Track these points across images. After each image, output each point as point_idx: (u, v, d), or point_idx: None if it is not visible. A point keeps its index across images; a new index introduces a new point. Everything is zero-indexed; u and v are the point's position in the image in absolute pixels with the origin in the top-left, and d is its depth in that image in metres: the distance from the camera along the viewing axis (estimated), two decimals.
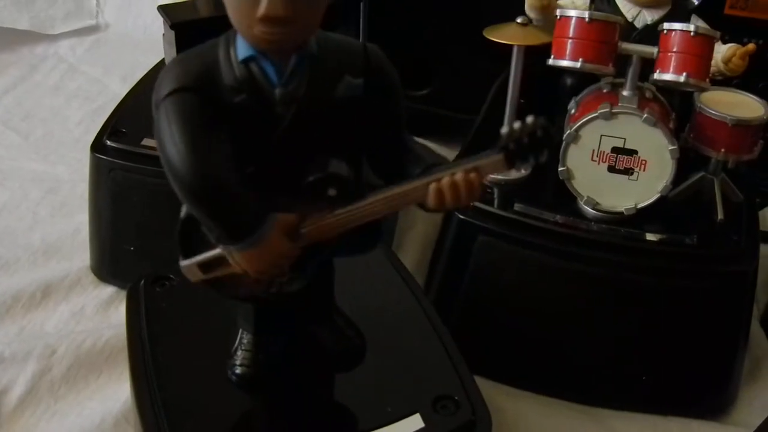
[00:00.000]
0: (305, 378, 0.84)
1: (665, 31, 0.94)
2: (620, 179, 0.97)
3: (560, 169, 0.98)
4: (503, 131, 0.66)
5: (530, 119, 0.65)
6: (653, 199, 0.98)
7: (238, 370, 0.81)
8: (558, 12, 0.98)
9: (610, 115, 0.95)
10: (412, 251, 1.23)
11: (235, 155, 0.66)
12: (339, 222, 0.68)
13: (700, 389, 1.03)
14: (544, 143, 0.66)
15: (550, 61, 0.98)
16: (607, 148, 0.96)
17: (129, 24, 2.00)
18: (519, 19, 1.01)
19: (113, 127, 1.16)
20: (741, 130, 0.98)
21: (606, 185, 0.98)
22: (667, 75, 0.94)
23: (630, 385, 1.02)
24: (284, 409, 0.81)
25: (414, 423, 0.79)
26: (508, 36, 1.00)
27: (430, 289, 1.10)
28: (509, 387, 1.05)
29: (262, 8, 0.60)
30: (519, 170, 0.68)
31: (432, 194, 0.67)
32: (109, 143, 1.13)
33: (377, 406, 0.80)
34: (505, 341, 1.04)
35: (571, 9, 0.98)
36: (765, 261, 1.10)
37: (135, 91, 1.28)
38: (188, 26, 1.09)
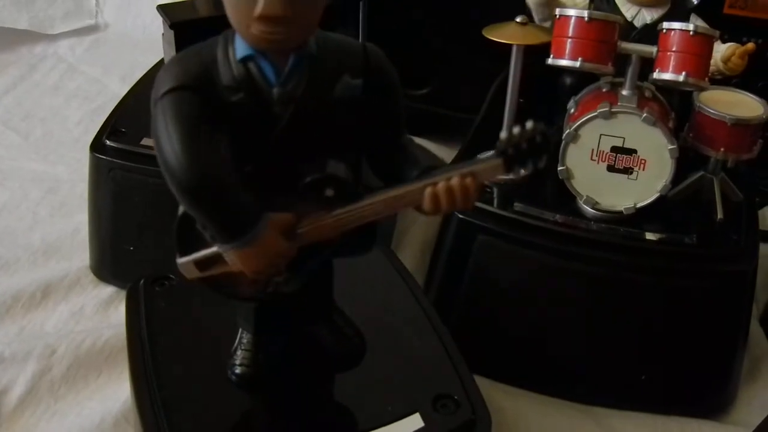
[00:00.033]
0: (305, 378, 0.84)
1: (664, 31, 0.94)
2: (620, 179, 0.97)
3: (560, 169, 0.98)
4: (502, 136, 0.66)
5: (529, 124, 0.65)
6: (652, 199, 0.98)
7: (238, 370, 0.81)
8: (557, 11, 0.98)
9: (610, 115, 0.95)
10: (412, 251, 1.23)
11: (233, 154, 0.66)
12: (336, 223, 0.68)
13: (700, 388, 1.03)
14: (543, 149, 0.65)
15: (550, 61, 0.98)
16: (607, 148, 0.96)
17: (128, 24, 2.00)
18: (518, 19, 1.01)
19: (113, 127, 1.16)
20: (740, 130, 0.98)
21: (605, 185, 0.98)
22: (667, 74, 0.94)
23: (629, 385, 1.02)
24: (284, 409, 0.81)
25: (414, 422, 0.79)
26: (508, 35, 1.00)
27: (430, 289, 1.10)
28: (509, 386, 1.05)
29: (260, 7, 0.60)
30: (517, 175, 0.67)
31: (427, 198, 0.67)
32: (109, 143, 1.13)
33: (377, 406, 0.80)
34: (505, 341, 1.04)
35: (571, 8, 0.98)
36: (764, 260, 1.10)
37: (134, 91, 1.28)
38: (187, 26, 1.09)
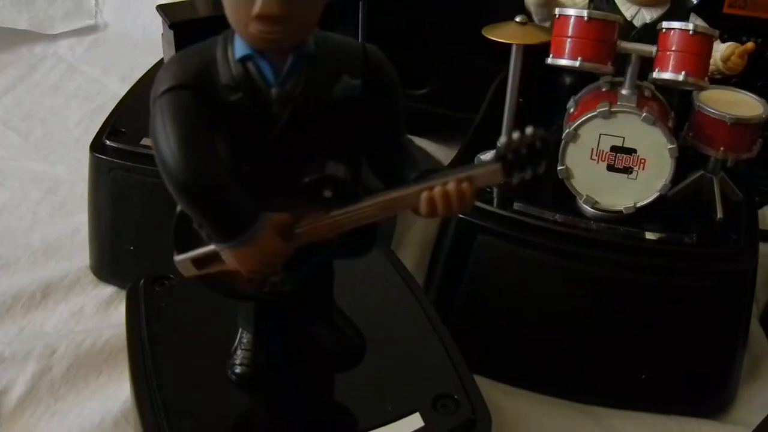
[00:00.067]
0: (305, 377, 0.84)
1: (664, 30, 0.94)
2: (619, 178, 0.97)
3: (559, 168, 0.98)
4: (501, 141, 0.65)
5: (529, 130, 0.65)
6: (652, 198, 0.98)
7: (238, 370, 0.81)
8: (557, 11, 0.98)
9: (609, 114, 0.95)
10: (412, 250, 1.23)
11: (232, 154, 0.66)
12: (334, 224, 0.68)
13: (700, 388, 1.03)
14: (543, 154, 0.65)
15: (549, 60, 0.98)
16: (606, 147, 0.96)
17: (128, 24, 2.00)
18: (518, 18, 1.01)
19: (112, 127, 1.16)
20: (740, 129, 0.98)
21: (605, 184, 0.98)
22: (666, 74, 0.94)
23: (629, 384, 1.02)
24: (284, 409, 0.82)
25: (414, 422, 0.79)
26: (507, 35, 1.00)
27: (430, 289, 1.10)
28: (509, 386, 1.05)
29: (258, 6, 0.60)
30: (517, 181, 0.67)
31: (423, 203, 0.66)
32: (109, 143, 1.13)
33: (377, 405, 0.80)
34: (505, 340, 1.04)
35: (570, 8, 0.98)
36: (764, 260, 1.10)
37: (134, 91, 1.28)
38: (187, 26, 1.09)
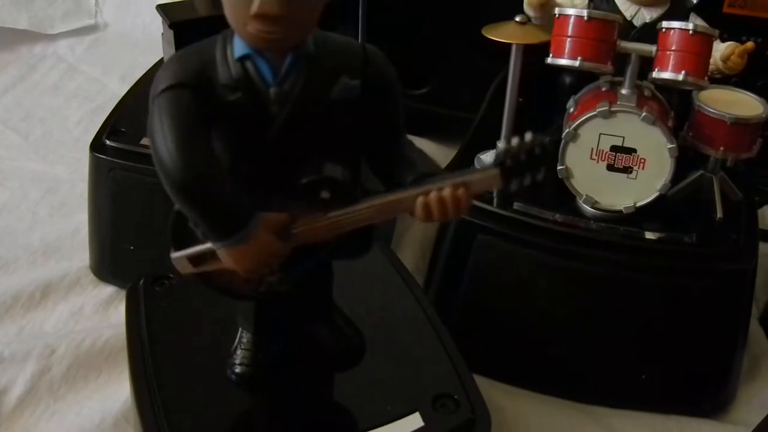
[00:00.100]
0: (305, 377, 0.84)
1: (664, 30, 0.94)
2: (619, 178, 0.97)
3: (559, 168, 0.98)
4: (500, 147, 0.65)
5: (529, 136, 0.65)
6: (652, 198, 0.98)
7: (238, 369, 0.81)
8: (556, 10, 0.98)
9: (609, 114, 0.95)
10: (412, 250, 1.23)
11: (230, 153, 0.66)
12: (331, 225, 0.68)
13: (699, 388, 1.03)
14: (542, 161, 0.65)
15: (549, 60, 0.98)
16: (606, 147, 0.96)
17: (128, 23, 2.00)
18: (518, 18, 1.01)
19: (112, 127, 1.16)
20: (740, 129, 0.98)
21: (605, 184, 0.98)
22: (666, 73, 0.94)
23: (629, 384, 1.02)
24: (284, 408, 0.81)
25: (414, 422, 0.79)
26: (507, 34, 1.00)
27: (430, 289, 1.10)
28: (508, 386, 1.05)
29: (256, 5, 0.60)
30: (515, 187, 0.67)
31: (419, 207, 0.67)
32: (109, 143, 1.13)
33: (377, 405, 0.80)
34: (504, 340, 1.04)
35: (570, 7, 0.98)
36: (764, 259, 1.10)
37: (134, 91, 1.28)
38: (187, 25, 1.09)
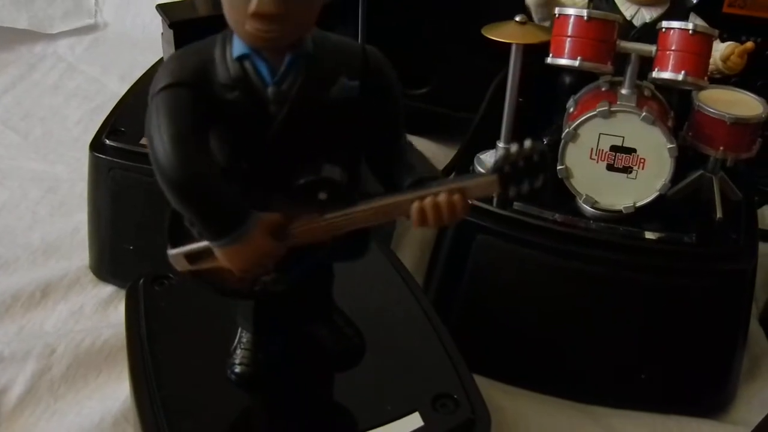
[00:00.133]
0: (305, 377, 0.84)
1: (664, 30, 0.94)
2: (619, 178, 0.97)
3: (559, 168, 0.98)
4: (499, 153, 0.65)
5: (528, 143, 0.65)
6: (652, 198, 0.98)
7: (238, 369, 0.81)
8: (556, 10, 0.98)
9: (609, 114, 0.95)
10: (412, 250, 1.23)
11: (229, 153, 0.66)
12: (328, 226, 0.67)
13: (699, 387, 1.03)
14: (540, 169, 0.65)
15: (549, 60, 0.98)
16: (606, 147, 0.96)
17: (127, 23, 2.00)
18: (517, 18, 1.01)
19: (112, 126, 1.15)
20: (739, 129, 0.98)
21: (605, 184, 0.98)
22: (666, 73, 0.94)
23: (629, 384, 1.02)
24: (284, 408, 0.82)
25: (413, 421, 0.79)
26: (507, 34, 1.00)
27: (429, 288, 1.10)
28: (508, 385, 1.05)
29: (254, 4, 0.60)
30: (513, 194, 0.67)
31: (414, 212, 0.66)
32: (108, 142, 1.12)
33: (377, 405, 0.80)
34: (504, 340, 1.04)
35: (570, 7, 0.98)
36: (764, 259, 1.10)
37: (134, 90, 1.27)
38: (187, 25, 1.09)
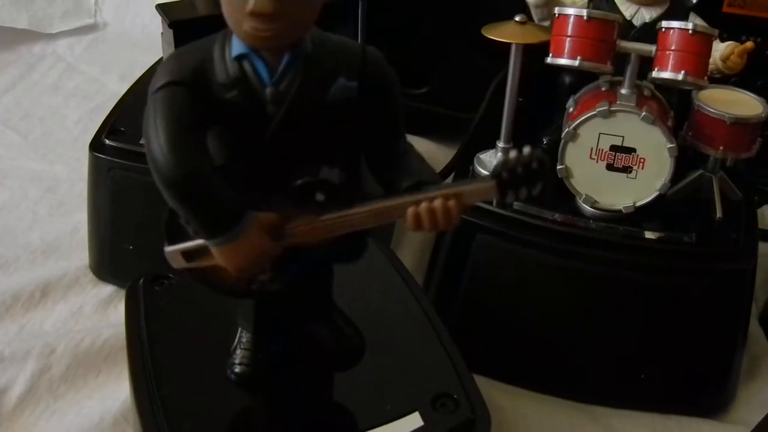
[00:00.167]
0: (305, 377, 0.84)
1: (663, 29, 0.94)
2: (619, 177, 0.97)
3: (558, 168, 0.98)
4: (498, 155, 0.65)
5: (527, 150, 0.65)
6: (652, 197, 0.98)
7: (238, 369, 0.81)
8: (556, 10, 0.98)
9: (609, 113, 0.95)
10: (412, 250, 1.23)
11: (227, 152, 0.66)
12: (324, 227, 0.67)
13: (699, 387, 1.03)
14: (539, 176, 0.65)
15: (549, 60, 0.98)
16: (606, 146, 0.96)
17: (127, 23, 2.00)
18: (517, 18, 1.01)
19: (112, 126, 1.15)
20: (739, 128, 0.98)
21: (604, 183, 0.98)
22: (666, 73, 0.94)
23: (629, 384, 1.02)
24: (284, 408, 0.81)
25: (413, 421, 0.79)
26: (507, 34, 1.00)
27: (429, 288, 1.10)
28: (508, 385, 1.05)
29: (251, 3, 0.60)
30: (511, 200, 0.67)
31: (409, 217, 0.66)
32: (108, 142, 1.12)
33: (376, 405, 0.80)
34: (504, 340, 1.04)
35: (570, 7, 0.98)
36: (764, 259, 1.10)
37: (133, 90, 1.27)
38: (186, 25, 1.09)
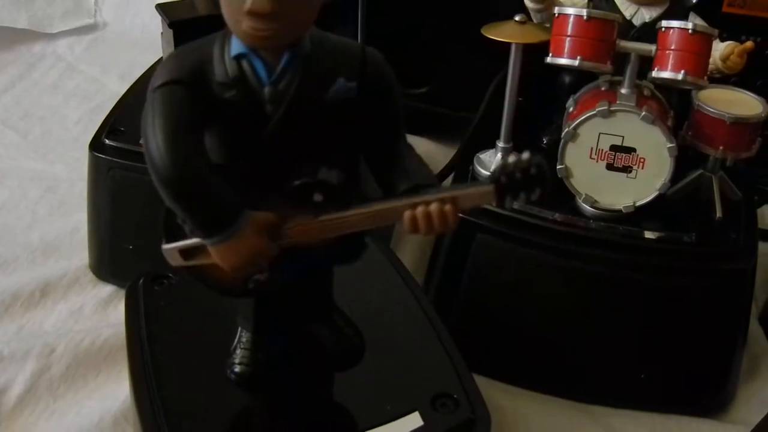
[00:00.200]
0: (305, 377, 0.84)
1: (663, 29, 0.94)
2: (618, 177, 0.97)
3: (558, 167, 0.98)
4: (496, 163, 0.65)
5: (526, 155, 0.65)
6: (651, 197, 0.98)
7: (237, 369, 0.81)
8: (556, 10, 0.98)
9: (609, 113, 0.95)
10: (412, 250, 1.23)
11: (226, 152, 0.66)
12: (322, 228, 0.67)
13: (699, 387, 1.03)
14: (537, 182, 0.65)
15: (548, 59, 0.98)
16: (606, 146, 0.96)
17: (127, 23, 2.00)
18: (517, 17, 1.01)
19: (112, 126, 1.15)
20: (739, 128, 0.98)
21: (604, 183, 0.98)
22: (665, 73, 0.94)
23: (629, 384, 1.02)
24: (283, 408, 0.81)
25: (413, 421, 0.79)
26: (507, 34, 1.00)
27: (429, 288, 1.10)
28: (508, 385, 1.05)
29: (248, 2, 0.60)
30: (508, 206, 0.67)
31: (405, 220, 0.66)
32: (108, 142, 1.12)
33: (376, 405, 0.80)
34: (504, 339, 1.04)
35: (570, 7, 0.98)
36: (763, 259, 1.10)
37: (133, 90, 1.27)
38: (186, 25, 1.08)
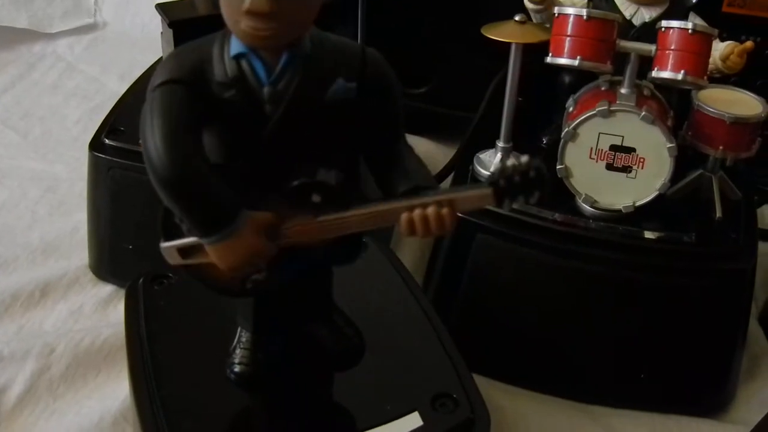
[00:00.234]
0: (304, 377, 0.84)
1: (663, 29, 0.94)
2: (618, 177, 0.97)
3: (558, 167, 0.98)
4: (495, 165, 0.65)
5: (525, 159, 0.64)
6: (651, 197, 0.98)
7: (237, 369, 0.81)
8: (556, 10, 0.98)
9: (608, 113, 0.95)
10: (412, 250, 1.23)
11: (226, 151, 0.66)
12: (320, 228, 0.67)
13: (699, 387, 1.03)
14: (536, 185, 0.65)
15: (548, 59, 0.98)
16: (605, 146, 0.96)
17: (127, 22, 2.00)
18: (517, 17, 1.01)
19: (111, 126, 1.15)
20: (739, 128, 0.98)
21: (604, 183, 0.98)
22: (665, 73, 0.94)
23: (628, 384, 1.02)
24: (283, 408, 0.81)
25: (413, 421, 0.79)
26: (506, 34, 1.00)
27: (429, 288, 1.10)
28: (508, 385, 1.05)
29: (247, 2, 0.60)
30: (506, 209, 0.67)
31: (403, 223, 0.66)
32: (108, 142, 1.12)
33: (376, 405, 0.80)
34: (504, 339, 1.04)
35: (569, 6, 0.98)
36: (763, 259, 1.10)
37: (133, 90, 1.27)
38: (186, 24, 1.09)
